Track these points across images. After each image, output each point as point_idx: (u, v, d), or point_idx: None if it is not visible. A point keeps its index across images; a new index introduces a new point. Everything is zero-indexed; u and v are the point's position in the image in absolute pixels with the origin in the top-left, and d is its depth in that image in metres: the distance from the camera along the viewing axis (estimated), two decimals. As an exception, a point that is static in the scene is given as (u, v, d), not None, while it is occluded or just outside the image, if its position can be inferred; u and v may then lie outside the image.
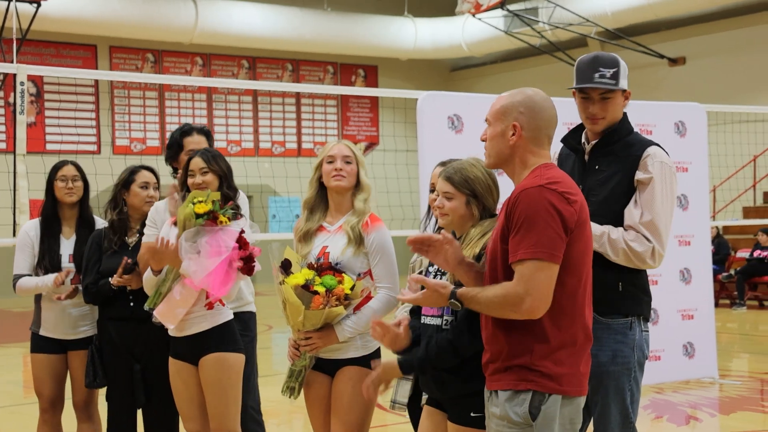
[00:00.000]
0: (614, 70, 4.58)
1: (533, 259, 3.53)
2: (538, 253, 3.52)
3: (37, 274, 5.97)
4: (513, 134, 3.75)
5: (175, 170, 6.01)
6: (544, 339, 3.61)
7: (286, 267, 4.77)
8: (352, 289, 4.71)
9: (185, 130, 6.02)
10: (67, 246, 6.01)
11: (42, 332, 6.02)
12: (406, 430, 4.97)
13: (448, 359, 4.05)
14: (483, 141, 3.87)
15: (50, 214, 6.04)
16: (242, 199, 5.76)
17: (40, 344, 6.04)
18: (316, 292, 4.65)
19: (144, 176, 5.83)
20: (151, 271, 5.32)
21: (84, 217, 6.08)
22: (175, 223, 5.28)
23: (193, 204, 5.12)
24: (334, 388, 4.89)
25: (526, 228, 3.55)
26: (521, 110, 3.76)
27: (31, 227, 6.07)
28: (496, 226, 3.76)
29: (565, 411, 3.66)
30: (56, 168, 6.05)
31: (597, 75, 4.59)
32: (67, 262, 5.96)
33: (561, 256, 3.56)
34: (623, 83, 4.60)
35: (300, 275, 4.71)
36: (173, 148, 6.00)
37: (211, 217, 5.10)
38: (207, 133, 6.05)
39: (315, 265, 4.78)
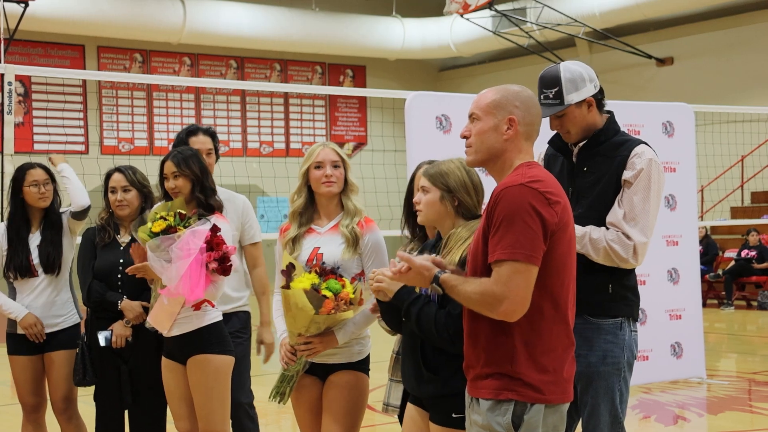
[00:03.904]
0: (555, 89, 4.51)
1: (511, 261, 3.45)
2: (515, 254, 3.44)
3: (6, 277, 5.99)
4: (508, 128, 3.67)
5: None
6: (525, 345, 3.54)
7: (289, 271, 4.72)
8: (353, 293, 4.69)
9: (191, 130, 6.06)
10: (34, 241, 5.99)
11: (20, 331, 5.98)
12: (394, 430, 4.97)
13: (430, 330, 3.94)
14: (465, 137, 3.78)
15: (20, 218, 6.00)
16: (243, 205, 5.94)
17: (18, 346, 6.02)
18: (325, 297, 4.62)
19: (112, 181, 5.80)
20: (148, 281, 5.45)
21: (50, 216, 6.05)
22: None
23: (152, 222, 5.14)
24: (328, 392, 4.88)
25: (505, 227, 3.47)
26: (516, 104, 3.69)
27: None
28: (479, 225, 3.70)
29: (549, 419, 3.60)
30: (24, 170, 5.99)
31: (542, 97, 4.55)
32: (36, 258, 5.94)
33: (540, 257, 3.48)
34: (572, 98, 4.51)
35: (305, 279, 4.66)
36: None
37: (170, 232, 5.12)
38: (212, 133, 6.08)
39: (318, 269, 4.75)
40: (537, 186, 3.52)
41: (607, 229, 4.49)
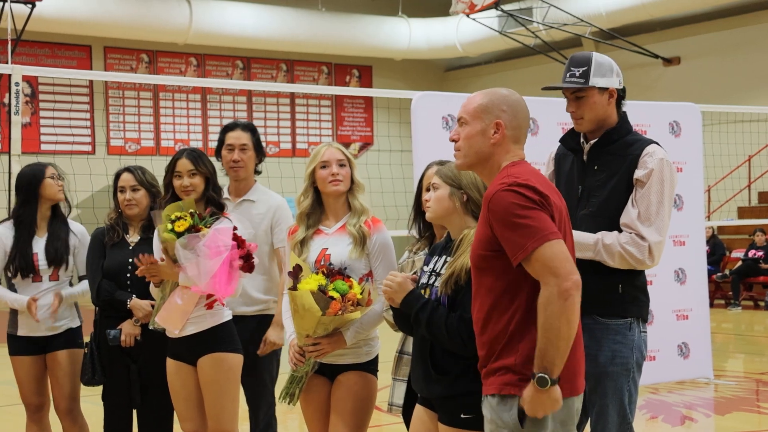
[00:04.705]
0: (584, 68, 4.55)
1: (535, 249, 3.44)
2: (535, 242, 3.44)
3: (7, 276, 5.99)
4: (495, 132, 3.70)
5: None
6: (527, 341, 3.53)
7: (296, 272, 4.71)
8: (361, 293, 4.68)
9: (228, 125, 6.01)
10: (39, 243, 5.97)
11: (20, 333, 5.98)
12: (401, 431, 4.97)
13: (441, 335, 3.96)
14: (453, 141, 3.80)
15: (30, 216, 6.00)
16: (276, 206, 5.89)
17: (20, 346, 6.01)
18: (332, 298, 4.61)
19: (121, 180, 5.82)
20: (152, 284, 5.41)
21: (57, 214, 6.07)
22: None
23: (172, 223, 5.13)
24: (337, 392, 4.88)
25: (512, 227, 3.48)
26: (504, 108, 3.72)
27: (4, 228, 6.05)
28: (476, 230, 3.69)
29: (557, 414, 3.58)
30: (41, 171, 5.99)
31: (568, 75, 4.60)
32: (43, 260, 5.94)
33: (556, 231, 3.49)
34: (597, 81, 4.55)
35: (312, 280, 4.65)
36: (217, 145, 5.99)
37: (193, 231, 5.12)
38: (252, 128, 6.02)
39: (325, 270, 4.74)
40: (525, 181, 3.54)
41: (620, 231, 4.49)
